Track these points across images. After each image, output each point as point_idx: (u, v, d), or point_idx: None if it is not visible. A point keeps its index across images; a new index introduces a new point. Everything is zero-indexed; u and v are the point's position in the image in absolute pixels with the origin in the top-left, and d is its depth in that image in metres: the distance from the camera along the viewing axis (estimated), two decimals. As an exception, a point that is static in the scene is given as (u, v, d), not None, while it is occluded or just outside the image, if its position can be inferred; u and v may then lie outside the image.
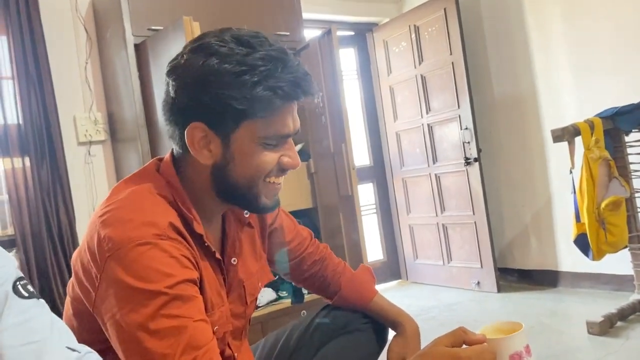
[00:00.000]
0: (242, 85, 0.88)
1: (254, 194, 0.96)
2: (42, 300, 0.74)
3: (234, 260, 1.06)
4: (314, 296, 2.17)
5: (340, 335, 1.21)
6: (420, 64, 3.85)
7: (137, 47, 2.55)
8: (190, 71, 0.91)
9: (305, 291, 2.83)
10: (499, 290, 3.49)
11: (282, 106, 0.91)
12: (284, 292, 2.94)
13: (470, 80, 3.54)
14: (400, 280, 4.26)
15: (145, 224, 0.86)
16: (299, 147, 3.04)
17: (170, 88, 0.94)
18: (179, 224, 0.90)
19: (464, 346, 0.80)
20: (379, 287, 1.38)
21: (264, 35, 0.94)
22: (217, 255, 1.00)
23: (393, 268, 4.29)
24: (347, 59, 4.29)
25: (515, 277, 3.75)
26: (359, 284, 1.29)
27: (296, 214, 3.11)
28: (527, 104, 3.56)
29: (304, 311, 1.00)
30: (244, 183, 0.95)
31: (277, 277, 2.77)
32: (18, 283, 0.72)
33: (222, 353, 0.91)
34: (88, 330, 0.90)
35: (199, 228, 0.95)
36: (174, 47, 2.33)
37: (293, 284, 1.35)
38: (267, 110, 0.90)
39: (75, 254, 0.93)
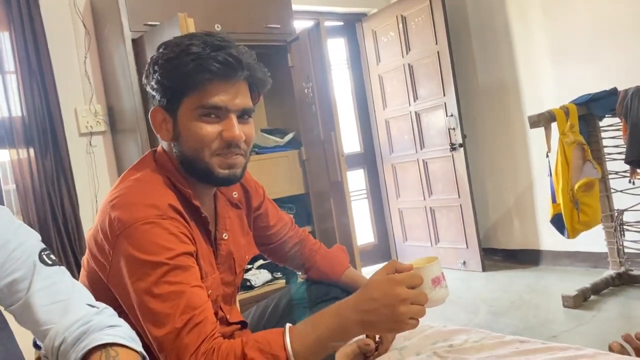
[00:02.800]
0: (177, 66, 1.05)
1: (204, 165, 1.08)
2: (63, 267, 0.90)
3: (225, 236, 1.21)
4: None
5: (321, 302, 1.36)
6: (407, 53, 3.99)
7: (135, 42, 2.67)
8: (149, 63, 1.10)
9: (298, 272, 3.01)
10: (484, 269, 3.67)
11: (210, 81, 1.05)
12: (279, 274, 3.10)
13: (455, 69, 3.68)
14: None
15: (148, 206, 1.01)
16: (290, 135, 3.19)
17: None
18: (177, 203, 1.06)
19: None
20: (370, 269, 1.53)
21: (221, 34, 1.09)
22: (210, 228, 1.16)
23: (384, 250, 4.46)
24: (337, 48, 4.41)
25: (500, 256, 3.93)
26: (333, 258, 1.45)
27: (289, 199, 3.27)
28: (509, 92, 3.71)
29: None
30: (192, 155, 1.09)
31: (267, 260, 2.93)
32: (43, 253, 0.87)
33: (215, 314, 1.07)
34: (101, 299, 1.05)
35: (196, 201, 1.11)
36: (169, 42, 2.45)
37: (276, 263, 1.50)
38: (198, 86, 1.05)
39: (89, 234, 1.10)
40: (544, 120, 2.78)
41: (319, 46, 2.97)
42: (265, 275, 3.05)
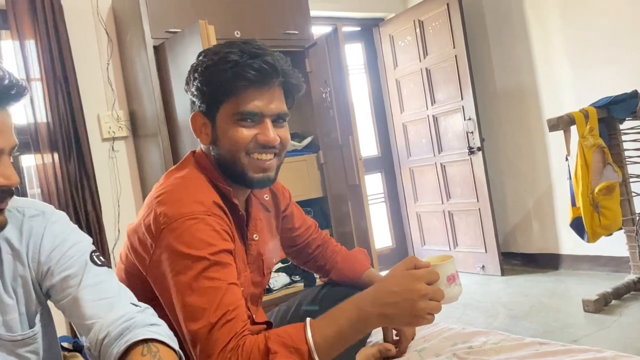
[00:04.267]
0: (216, 73, 1.10)
1: (240, 168, 1.13)
2: (111, 269, 0.96)
3: (256, 237, 1.25)
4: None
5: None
6: (425, 57, 4.00)
7: (156, 49, 2.72)
8: (189, 71, 1.16)
9: (316, 276, 3.02)
10: (503, 273, 3.65)
11: (247, 88, 1.10)
12: (297, 277, 3.12)
13: (472, 72, 3.68)
14: (408, 266, 4.42)
15: (194, 202, 1.05)
16: (308, 139, 3.22)
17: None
18: (219, 201, 1.10)
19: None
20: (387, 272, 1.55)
21: (256, 41, 1.14)
22: (245, 226, 1.20)
23: (402, 254, 4.45)
24: (355, 53, 4.44)
25: (519, 260, 3.90)
26: (353, 259, 1.48)
27: (307, 202, 3.29)
28: (528, 95, 3.69)
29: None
30: (229, 158, 1.14)
31: (289, 262, 2.95)
32: (93, 254, 0.94)
33: (243, 313, 1.10)
34: (135, 293, 1.09)
35: (235, 199, 1.15)
36: (190, 48, 2.50)
37: (299, 266, 1.54)
38: (236, 92, 1.10)
39: (129, 229, 1.14)
40: (563, 123, 2.76)
41: (336, 51, 3.00)
42: (283, 278, 3.08)
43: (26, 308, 0.90)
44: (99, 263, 0.93)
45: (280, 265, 3.13)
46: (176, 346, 0.87)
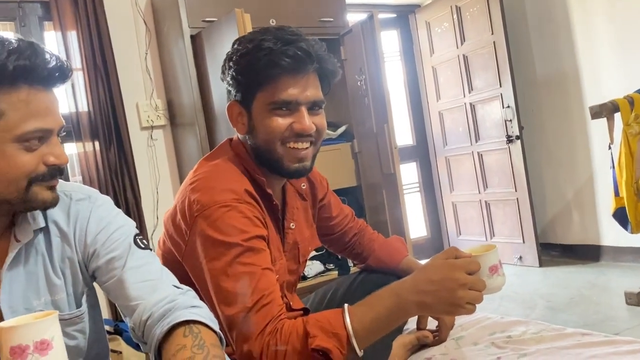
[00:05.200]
0: (249, 63, 1.09)
1: (275, 158, 1.13)
2: (153, 252, 0.99)
3: (293, 225, 1.25)
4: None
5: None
6: (462, 44, 3.92)
7: (193, 38, 2.75)
8: (225, 60, 1.15)
9: (350, 264, 3.03)
10: (541, 264, 3.58)
11: (282, 76, 1.08)
12: (331, 265, 3.13)
13: (512, 59, 3.60)
14: (443, 256, 4.38)
15: (227, 190, 1.06)
16: (342, 128, 3.21)
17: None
18: (252, 190, 1.11)
19: None
20: (423, 262, 1.54)
21: (291, 28, 1.12)
22: (279, 216, 1.20)
23: (436, 244, 4.41)
24: (390, 40, 4.39)
25: (558, 252, 3.82)
26: (391, 247, 1.48)
27: (341, 192, 3.29)
28: (569, 82, 3.59)
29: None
30: (265, 147, 1.13)
31: (325, 250, 2.95)
32: (137, 237, 0.96)
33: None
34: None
35: (269, 189, 1.15)
36: (227, 37, 2.52)
37: (336, 254, 1.54)
38: (271, 80, 1.08)
39: (166, 216, 1.16)
40: (606, 110, 2.68)
41: (372, 39, 2.97)
42: (317, 266, 3.09)
43: (73, 289, 0.94)
44: (142, 246, 0.96)
45: (314, 253, 3.14)
46: (216, 328, 0.88)
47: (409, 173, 4.38)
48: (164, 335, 0.84)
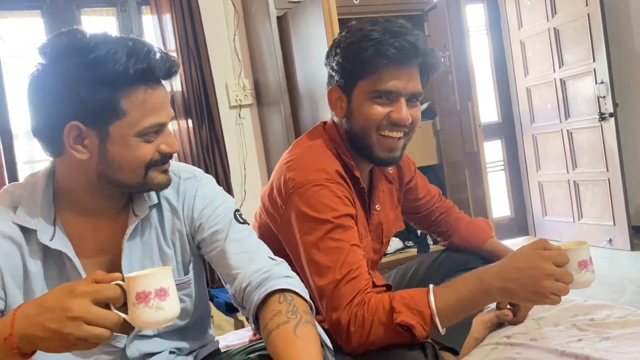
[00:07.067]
0: (357, 51, 1.14)
1: (369, 144, 1.19)
2: (250, 226, 1.08)
3: (378, 207, 1.32)
4: (437, 247, 2.37)
5: (460, 271, 1.41)
6: (553, 16, 3.75)
7: (279, 19, 2.83)
8: (331, 46, 1.21)
9: (430, 242, 3.04)
10: (633, 248, 3.42)
11: (386, 66, 1.13)
12: (410, 242, 3.16)
13: (607, 31, 3.40)
14: (527, 237, 4.28)
15: (319, 170, 1.15)
16: (424, 106, 3.19)
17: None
18: (342, 171, 1.18)
19: None
20: (506, 242, 1.55)
21: (400, 20, 1.16)
22: (366, 198, 1.27)
23: (520, 224, 4.31)
24: (476, 14, 4.27)
25: (652, 235, 3.62)
26: (476, 227, 1.50)
27: (421, 170, 3.25)
28: (672, 55, 3.35)
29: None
30: (360, 133, 1.19)
31: (406, 227, 2.99)
32: (237, 213, 1.06)
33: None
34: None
35: (357, 172, 1.22)
36: (312, 18, 2.57)
37: (421, 231, 1.58)
38: (375, 70, 1.13)
39: (262, 191, 1.27)
40: None
41: (457, 13, 2.92)
42: (396, 243, 3.13)
43: (182, 258, 1.05)
44: (241, 221, 1.05)
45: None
46: (307, 297, 0.96)
47: (493, 151, 4.29)
48: (260, 302, 0.93)
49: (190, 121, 3.02)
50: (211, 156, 3.03)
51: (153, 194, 1.02)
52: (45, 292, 0.82)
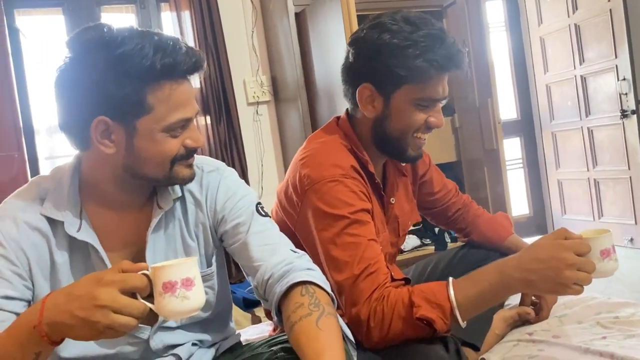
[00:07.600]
0: (405, 57, 1.12)
1: (403, 146, 1.20)
2: (272, 219, 1.08)
3: (393, 200, 1.32)
4: (454, 245, 2.35)
5: (479, 267, 1.40)
6: (574, 12, 3.70)
7: (297, 16, 2.84)
8: (367, 43, 1.17)
9: (447, 239, 3.02)
10: (655, 247, 3.37)
11: (435, 75, 1.13)
12: (427, 240, 3.15)
13: (630, 27, 3.35)
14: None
15: (334, 166, 1.15)
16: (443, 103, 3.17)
17: (350, 55, 1.21)
18: (357, 166, 1.18)
19: None
20: (525, 240, 1.53)
21: (428, 17, 1.16)
22: (382, 192, 1.27)
23: (539, 223, 4.27)
24: (495, 10, 4.23)
25: (675, 235, 3.56)
26: (497, 223, 1.49)
27: (440, 167, 3.25)
28: (697, 51, 3.29)
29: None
30: (396, 135, 1.20)
31: (422, 223, 2.97)
32: (258, 206, 1.06)
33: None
34: None
35: (372, 168, 1.23)
36: (330, 15, 2.57)
37: (438, 226, 1.57)
38: (423, 78, 1.13)
39: (278, 188, 1.27)
40: None
41: (476, 9, 2.90)
42: (414, 240, 3.12)
43: (205, 250, 1.05)
44: (263, 214, 1.06)
45: (411, 227, 3.16)
46: (329, 289, 0.96)
47: (512, 148, 4.24)
48: (283, 294, 0.93)
49: (208, 118, 3.03)
50: (229, 153, 3.04)
51: (177, 187, 1.02)
52: (73, 282, 0.83)
